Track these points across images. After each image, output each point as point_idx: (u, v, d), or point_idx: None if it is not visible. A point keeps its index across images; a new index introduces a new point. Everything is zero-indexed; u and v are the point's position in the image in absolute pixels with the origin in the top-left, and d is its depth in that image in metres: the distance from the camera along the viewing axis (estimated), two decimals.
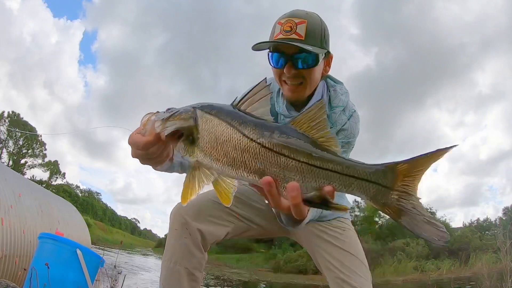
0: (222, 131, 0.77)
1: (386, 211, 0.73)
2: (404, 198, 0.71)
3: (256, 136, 0.74)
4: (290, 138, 0.73)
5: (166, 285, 1.42)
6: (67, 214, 7.18)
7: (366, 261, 1.51)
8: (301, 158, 0.72)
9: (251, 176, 0.75)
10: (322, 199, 0.72)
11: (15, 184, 5.08)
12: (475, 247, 19.04)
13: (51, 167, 43.05)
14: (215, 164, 0.78)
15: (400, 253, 20.35)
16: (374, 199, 0.72)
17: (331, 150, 0.73)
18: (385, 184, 0.71)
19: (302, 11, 1.35)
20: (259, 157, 0.73)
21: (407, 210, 0.72)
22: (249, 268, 24.93)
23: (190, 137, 0.80)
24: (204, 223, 1.45)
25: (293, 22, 1.30)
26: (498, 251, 6.37)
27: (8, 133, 38.90)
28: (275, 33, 1.33)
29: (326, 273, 1.49)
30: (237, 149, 0.76)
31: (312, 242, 1.54)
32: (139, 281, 8.52)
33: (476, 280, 8.21)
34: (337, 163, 0.71)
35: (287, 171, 0.72)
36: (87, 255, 3.09)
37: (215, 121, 0.79)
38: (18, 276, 4.24)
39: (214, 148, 0.78)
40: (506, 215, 23.77)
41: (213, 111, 0.80)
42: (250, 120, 0.77)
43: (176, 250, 1.42)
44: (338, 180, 0.71)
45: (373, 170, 0.71)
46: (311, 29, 1.31)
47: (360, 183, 0.71)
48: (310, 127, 0.74)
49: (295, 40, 1.29)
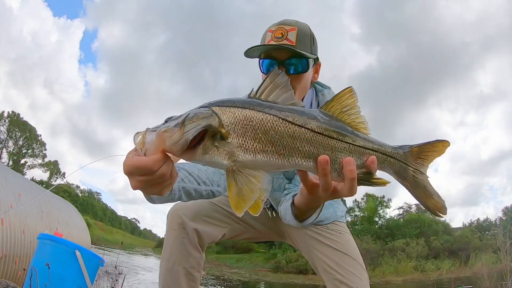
0: (261, 120, 0.73)
1: (404, 183, 0.86)
2: (417, 174, 0.85)
3: (304, 122, 0.75)
4: (333, 122, 0.79)
5: (165, 285, 1.44)
6: (67, 214, 7.18)
7: (363, 263, 1.52)
8: (348, 140, 0.78)
9: (306, 162, 0.76)
10: (367, 174, 0.80)
11: (15, 184, 5.08)
12: (475, 247, 19.07)
13: (51, 167, 43.06)
14: (261, 157, 0.73)
15: (400, 253, 20.36)
16: (397, 173, 0.85)
17: (364, 133, 0.82)
18: (405, 161, 0.84)
19: (292, 20, 1.39)
20: (312, 142, 0.75)
21: (419, 183, 0.85)
22: (249, 268, 24.95)
23: (218, 135, 0.72)
24: (201, 223, 1.47)
25: (284, 29, 1.33)
26: (498, 251, 6.37)
27: (8, 133, 38.90)
28: (266, 40, 1.36)
29: (323, 275, 1.49)
30: (286, 137, 0.74)
31: (308, 244, 1.55)
32: (139, 281, 8.52)
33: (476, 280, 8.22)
34: (375, 144, 0.82)
35: (337, 152, 0.77)
36: (87, 256, 3.09)
37: (247, 112, 0.73)
38: (18, 276, 4.24)
39: (256, 140, 0.73)
40: (506, 215, 23.78)
41: (236, 103, 0.75)
42: (286, 108, 0.76)
43: (174, 250, 1.43)
44: (376, 157, 0.82)
45: (396, 150, 0.84)
46: (302, 36, 1.34)
47: (390, 160, 0.83)
48: (341, 112, 0.81)
49: (286, 45, 1.31)
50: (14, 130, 39.79)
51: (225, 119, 0.73)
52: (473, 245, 19.55)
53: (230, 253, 31.67)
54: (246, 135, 0.73)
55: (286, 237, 1.66)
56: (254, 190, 0.72)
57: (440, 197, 0.86)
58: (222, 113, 0.73)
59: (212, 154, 0.72)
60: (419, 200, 0.86)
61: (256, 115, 0.73)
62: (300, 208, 1.08)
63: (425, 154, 0.86)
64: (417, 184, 0.85)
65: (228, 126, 0.72)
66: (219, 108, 0.74)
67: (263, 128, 0.73)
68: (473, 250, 18.16)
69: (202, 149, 0.72)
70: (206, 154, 0.72)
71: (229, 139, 0.72)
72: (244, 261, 28.33)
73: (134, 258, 20.52)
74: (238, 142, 0.72)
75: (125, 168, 0.73)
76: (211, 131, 0.72)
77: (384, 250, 20.96)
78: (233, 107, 0.74)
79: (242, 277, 17.89)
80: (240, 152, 0.72)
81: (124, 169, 0.74)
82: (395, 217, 27.26)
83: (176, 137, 0.70)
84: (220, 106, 0.74)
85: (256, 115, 0.73)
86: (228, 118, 0.73)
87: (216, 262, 27.06)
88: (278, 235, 1.69)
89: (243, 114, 0.73)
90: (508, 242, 5.69)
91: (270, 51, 1.35)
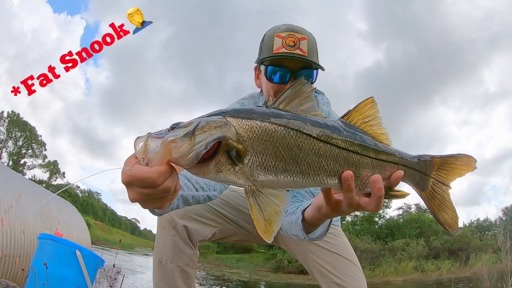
0: (284, 136, 0.66)
1: (421, 194, 0.84)
2: (436, 186, 0.84)
3: (329, 137, 0.70)
4: (357, 136, 0.75)
5: (161, 284, 1.43)
6: (67, 214, 7.18)
7: (359, 265, 1.50)
8: (370, 154, 0.76)
9: (331, 181, 0.72)
10: (388, 188, 0.78)
11: (15, 184, 5.07)
12: (475, 247, 19.04)
13: (51, 167, 43.05)
14: (283, 177, 0.67)
15: (400, 253, 20.33)
16: (417, 184, 0.82)
17: (386, 144, 0.80)
18: (425, 172, 0.82)
19: (299, 27, 1.37)
20: (338, 158, 0.72)
21: (436, 196, 0.84)
22: (249, 268, 24.93)
23: (234, 151, 0.64)
24: (190, 221, 1.46)
25: (295, 37, 1.30)
26: (499, 251, 6.37)
27: (7, 133, 38.89)
28: (275, 47, 1.32)
29: (319, 279, 1.47)
30: (311, 154, 0.68)
31: (303, 248, 1.53)
32: (138, 281, 8.52)
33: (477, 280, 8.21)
34: (396, 156, 0.79)
35: (360, 167, 0.75)
36: (86, 256, 3.09)
37: (267, 125, 0.65)
38: (18, 276, 4.24)
39: (277, 158, 0.65)
40: (506, 215, 23.77)
41: (253, 114, 0.66)
42: (309, 120, 0.70)
43: (166, 248, 1.43)
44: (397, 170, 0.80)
45: (417, 161, 0.81)
46: (312, 46, 1.33)
47: (410, 171, 0.81)
48: (364, 123, 0.78)
49: (301, 56, 1.30)
50: (14, 130, 39.77)
51: (242, 133, 0.64)
52: (473, 245, 19.52)
53: (230, 253, 31.64)
54: (267, 152, 0.65)
55: (279, 240, 1.65)
56: (278, 212, 0.66)
57: (455, 213, 0.84)
58: (238, 125, 0.65)
59: (227, 172, 0.65)
60: (432, 211, 0.85)
61: (277, 130, 0.66)
62: (312, 222, 1.05)
63: (448, 166, 0.84)
64: (434, 195, 0.84)
65: (246, 141, 0.64)
66: (235, 120, 0.65)
67: (286, 145, 0.66)
68: (473, 250, 18.15)
69: (215, 166, 0.64)
70: (220, 172, 0.64)
71: (247, 157, 0.64)
72: (244, 261, 28.30)
73: (134, 258, 20.51)
74: (258, 161, 0.65)
75: (124, 178, 0.65)
76: (226, 144, 0.63)
77: (384, 250, 20.93)
78: (251, 119, 0.65)
79: (242, 277, 17.86)
80: (261, 172, 0.65)
81: (123, 178, 0.66)
82: (395, 217, 27.25)
83: (185, 149, 0.61)
84: (236, 116, 0.65)
85: (278, 130, 0.66)
86: (246, 132, 0.64)
87: (216, 262, 27.05)
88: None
89: (263, 128, 0.65)
90: (508, 242, 5.68)
91: (282, 59, 1.32)
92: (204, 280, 12.93)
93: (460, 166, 0.84)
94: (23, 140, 40.52)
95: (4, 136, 39.02)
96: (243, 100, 1.56)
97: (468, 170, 0.85)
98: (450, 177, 0.85)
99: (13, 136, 39.76)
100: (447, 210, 0.84)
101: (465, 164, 0.84)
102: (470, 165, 0.85)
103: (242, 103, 1.55)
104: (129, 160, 0.68)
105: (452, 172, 0.84)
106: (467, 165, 0.85)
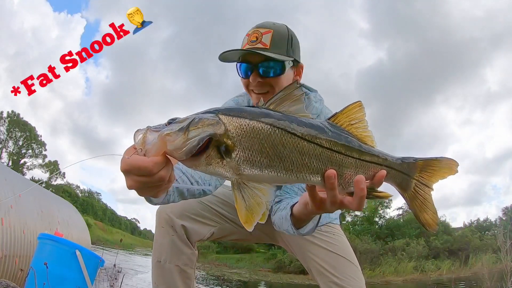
0: (270, 134, 0.70)
1: (404, 194, 0.87)
2: (419, 187, 0.86)
3: (313, 137, 0.74)
4: (342, 137, 0.78)
5: (160, 284, 1.43)
6: (67, 214, 7.18)
7: (358, 264, 1.50)
8: (354, 155, 0.79)
9: (313, 177, 0.76)
10: (370, 188, 0.81)
11: (15, 184, 5.07)
12: (475, 247, 19.04)
13: (51, 168, 43.03)
14: (268, 172, 0.71)
15: (401, 253, 20.34)
16: (399, 185, 0.86)
17: (370, 146, 0.82)
18: (408, 173, 0.85)
19: (269, 22, 1.38)
20: (321, 157, 0.75)
21: (418, 196, 0.87)
22: (249, 268, 24.92)
23: (223, 146, 0.69)
24: (188, 220, 1.47)
25: (259, 32, 1.34)
26: (498, 251, 6.37)
27: (8, 133, 38.89)
28: (243, 44, 1.36)
29: (318, 278, 1.47)
30: (295, 152, 0.72)
31: (302, 247, 1.53)
32: (138, 281, 8.52)
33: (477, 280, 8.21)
34: (379, 157, 0.82)
35: (343, 167, 0.78)
36: (86, 256, 3.09)
37: (255, 124, 0.70)
38: (18, 276, 4.24)
39: (263, 154, 0.70)
40: (506, 215, 23.76)
41: (243, 113, 0.71)
42: (296, 120, 0.74)
43: (164, 248, 1.43)
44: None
45: (400, 162, 0.84)
46: (277, 38, 1.33)
47: (393, 172, 0.83)
48: (349, 125, 0.81)
49: (260, 49, 1.30)
50: (14, 130, 39.77)
51: (232, 130, 0.70)
52: (473, 245, 19.52)
53: (230, 253, 31.64)
54: (253, 148, 0.70)
55: (278, 239, 1.64)
56: (261, 203, 0.72)
57: (435, 215, 0.87)
58: (228, 123, 0.70)
59: (216, 165, 0.70)
60: (413, 212, 0.88)
61: (264, 128, 0.71)
62: (300, 218, 1.09)
63: (431, 168, 0.87)
64: (416, 196, 0.87)
65: (234, 137, 0.70)
66: (226, 117, 0.71)
67: (271, 142, 0.71)
68: (473, 250, 18.15)
69: (205, 159, 0.69)
70: (209, 165, 0.70)
71: (235, 152, 0.70)
72: (244, 261, 28.30)
73: (134, 258, 20.51)
74: (244, 156, 0.70)
75: (123, 166, 0.72)
76: (216, 140, 0.69)
77: (384, 250, 20.94)
78: (240, 117, 0.71)
79: (242, 277, 17.86)
80: (246, 166, 0.70)
81: (122, 166, 0.72)
82: (395, 217, 27.24)
83: (179, 143, 0.68)
84: (227, 114, 0.71)
85: (264, 128, 0.71)
86: (235, 129, 0.70)
87: (216, 262, 27.05)
88: (269, 237, 1.67)
89: (251, 126, 0.70)
90: (508, 242, 5.68)
91: (246, 55, 1.34)
92: (204, 280, 12.94)
93: (443, 169, 0.87)
94: (23, 140, 40.53)
95: (4, 136, 39.04)
96: (238, 97, 1.58)
97: (450, 173, 0.87)
98: (433, 179, 0.88)
99: (13, 136, 39.77)
100: (428, 211, 0.87)
101: (448, 167, 0.87)
102: (452, 168, 0.87)
103: (237, 100, 1.57)
104: (128, 150, 0.73)
105: (435, 175, 0.87)
106: (450, 168, 0.87)
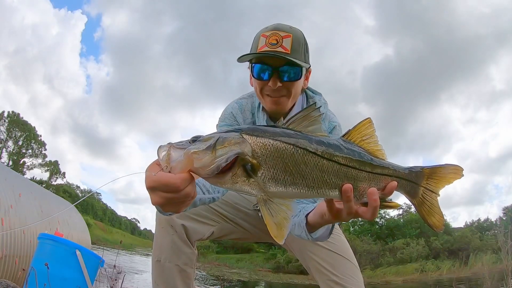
0: (293, 154, 0.76)
1: (412, 201, 0.93)
2: (426, 193, 0.93)
3: (332, 155, 0.81)
4: (356, 152, 0.85)
5: (160, 284, 1.43)
6: (67, 214, 7.18)
7: (357, 264, 1.52)
8: (367, 169, 0.85)
9: (332, 193, 0.83)
10: (381, 199, 0.87)
11: (15, 184, 5.07)
12: (475, 247, 19.06)
13: (51, 167, 43.05)
14: (291, 189, 0.77)
15: (401, 253, 20.35)
16: (408, 192, 0.91)
17: (381, 159, 0.89)
18: (416, 182, 0.91)
19: (286, 25, 1.37)
20: (338, 173, 0.81)
21: (425, 202, 0.93)
22: (249, 268, 24.95)
23: (249, 165, 0.74)
24: (188, 220, 1.47)
25: (278, 36, 1.32)
26: (499, 251, 6.36)
27: (8, 133, 38.88)
28: (260, 46, 1.33)
29: (317, 277, 1.49)
30: (315, 170, 0.78)
31: (302, 246, 1.54)
32: (139, 281, 8.52)
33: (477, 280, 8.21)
34: (389, 169, 0.88)
35: (358, 181, 0.85)
36: (87, 256, 3.08)
37: (278, 144, 0.76)
38: (18, 276, 4.23)
39: (287, 172, 0.76)
40: (506, 215, 23.75)
41: (267, 133, 0.76)
42: (315, 139, 0.80)
43: (164, 248, 1.43)
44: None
45: (408, 172, 0.90)
46: (296, 44, 1.33)
47: (402, 182, 0.90)
48: (362, 140, 0.88)
49: (281, 53, 1.30)
50: (14, 130, 39.77)
51: (257, 150, 0.74)
52: (473, 245, 19.54)
53: (230, 253, 31.66)
54: (278, 167, 0.75)
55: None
56: (287, 218, 0.77)
57: (442, 217, 0.94)
58: (253, 143, 0.75)
59: (242, 183, 0.74)
60: (422, 216, 0.94)
61: (287, 148, 0.76)
62: (315, 227, 1.16)
63: (437, 175, 0.93)
64: (424, 202, 0.93)
65: (259, 157, 0.74)
66: (250, 137, 0.75)
67: (294, 161, 0.76)
68: (473, 250, 18.15)
69: (231, 177, 0.73)
70: (236, 183, 0.74)
71: (261, 171, 0.74)
72: (244, 261, 28.32)
73: (135, 258, 20.52)
74: (269, 174, 0.75)
75: (149, 183, 0.73)
76: (242, 159, 0.73)
77: (384, 251, 20.95)
78: (264, 137, 0.76)
79: (242, 277, 17.88)
80: (272, 184, 0.75)
81: (148, 183, 0.74)
82: (395, 217, 27.26)
83: (206, 161, 0.71)
84: (251, 134, 0.76)
85: (287, 148, 0.76)
86: (260, 148, 0.75)
87: (216, 262, 27.08)
88: (268, 236, 1.67)
89: (275, 146, 0.75)
90: (509, 242, 5.68)
91: (265, 57, 1.32)
92: (204, 280, 12.94)
93: (448, 175, 0.93)
94: (23, 139, 40.53)
95: (4, 136, 39.04)
96: (241, 99, 1.56)
97: (455, 178, 0.93)
98: (439, 186, 0.93)
99: (13, 136, 39.78)
100: (435, 215, 0.93)
101: (453, 173, 0.93)
102: (457, 173, 0.93)
103: (240, 103, 1.55)
104: (151, 166, 0.75)
105: (441, 181, 0.93)
106: (455, 173, 0.93)
